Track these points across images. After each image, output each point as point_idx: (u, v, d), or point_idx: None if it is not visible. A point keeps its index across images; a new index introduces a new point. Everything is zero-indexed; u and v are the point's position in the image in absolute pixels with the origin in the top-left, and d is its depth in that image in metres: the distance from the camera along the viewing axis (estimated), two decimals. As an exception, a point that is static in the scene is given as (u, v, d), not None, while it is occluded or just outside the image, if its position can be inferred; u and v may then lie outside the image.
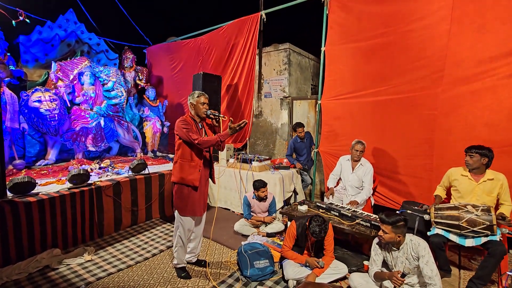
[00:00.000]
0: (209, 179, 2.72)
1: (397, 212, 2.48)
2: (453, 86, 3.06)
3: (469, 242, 2.39)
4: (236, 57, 5.16)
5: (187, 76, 6.13)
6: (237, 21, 5.06)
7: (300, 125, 4.48)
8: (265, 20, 4.75)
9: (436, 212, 2.55)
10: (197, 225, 2.71)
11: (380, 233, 2.12)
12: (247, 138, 5.28)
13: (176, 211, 2.56)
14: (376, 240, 2.31)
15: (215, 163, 4.77)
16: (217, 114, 2.51)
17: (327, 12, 3.97)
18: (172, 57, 6.48)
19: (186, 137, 2.37)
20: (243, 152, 5.14)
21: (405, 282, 2.14)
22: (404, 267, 2.12)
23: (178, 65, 6.42)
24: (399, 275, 2.02)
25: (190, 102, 2.50)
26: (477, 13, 2.89)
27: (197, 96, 2.48)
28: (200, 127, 2.55)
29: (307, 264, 2.52)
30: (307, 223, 2.54)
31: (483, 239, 2.35)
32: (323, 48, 4.04)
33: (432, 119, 3.21)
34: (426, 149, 3.28)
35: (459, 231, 2.41)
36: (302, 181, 4.62)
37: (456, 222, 2.40)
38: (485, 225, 2.30)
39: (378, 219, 2.14)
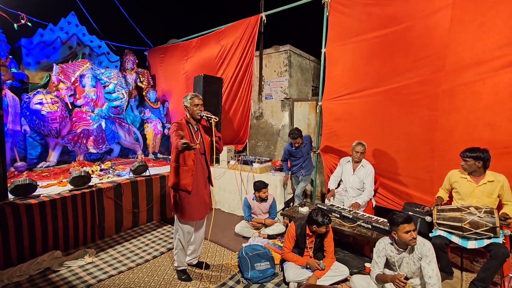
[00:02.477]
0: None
1: (400, 212, 2.46)
2: (454, 86, 3.03)
3: (471, 244, 2.37)
4: (234, 58, 5.17)
5: (182, 78, 6.16)
6: (237, 22, 5.07)
7: (296, 136, 3.74)
8: (265, 21, 4.76)
9: (439, 213, 2.54)
10: (197, 229, 2.68)
11: (415, 234, 2.04)
12: (246, 141, 5.27)
13: (175, 215, 2.56)
14: (379, 242, 2.30)
15: (216, 165, 4.78)
16: (209, 116, 2.42)
17: (327, 14, 3.97)
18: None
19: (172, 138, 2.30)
20: (244, 153, 5.13)
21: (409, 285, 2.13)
22: (409, 269, 2.10)
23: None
24: (402, 278, 2.00)
25: (185, 105, 2.48)
26: (478, 11, 2.86)
27: (190, 98, 2.46)
28: (196, 129, 2.52)
29: (308, 266, 2.51)
30: (306, 222, 2.55)
31: (486, 241, 2.33)
32: (323, 49, 4.04)
33: (433, 120, 3.18)
34: (427, 150, 3.26)
35: (461, 232, 2.39)
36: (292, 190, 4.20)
37: (459, 224, 2.38)
38: (488, 227, 2.28)
39: (404, 222, 2.08)
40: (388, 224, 2.26)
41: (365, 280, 2.30)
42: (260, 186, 3.51)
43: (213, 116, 2.43)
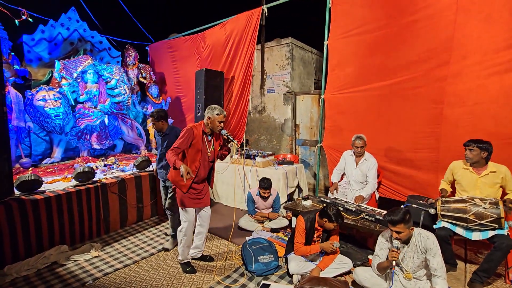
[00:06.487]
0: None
1: (401, 206, 2.46)
2: (459, 78, 3.00)
3: (476, 236, 2.37)
4: (235, 52, 5.12)
5: (187, 73, 6.11)
6: (238, 16, 5.02)
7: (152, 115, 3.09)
8: (266, 14, 4.70)
9: (443, 205, 2.54)
10: (202, 219, 2.71)
11: (395, 235, 2.04)
12: (243, 137, 5.24)
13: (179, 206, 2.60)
14: (381, 235, 2.30)
15: (217, 160, 4.78)
16: (231, 138, 2.59)
17: (329, 5, 3.91)
18: (173, 54, 6.46)
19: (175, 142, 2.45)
20: (247, 148, 5.13)
21: (413, 276, 2.13)
22: (413, 263, 2.10)
23: (179, 62, 6.41)
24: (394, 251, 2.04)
25: (208, 116, 2.51)
26: (484, 2, 2.81)
27: (217, 114, 2.49)
28: (209, 139, 2.59)
29: (323, 249, 2.52)
30: (316, 216, 2.55)
31: (491, 233, 2.33)
32: (326, 42, 3.99)
33: (439, 112, 3.16)
34: (432, 142, 3.24)
35: (465, 224, 2.38)
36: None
37: (463, 215, 2.37)
38: (492, 218, 2.27)
39: (387, 222, 2.08)
40: None
41: (368, 272, 2.31)
42: (263, 185, 3.48)
43: (235, 141, 2.61)
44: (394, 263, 2.04)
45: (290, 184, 4.17)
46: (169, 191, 3.11)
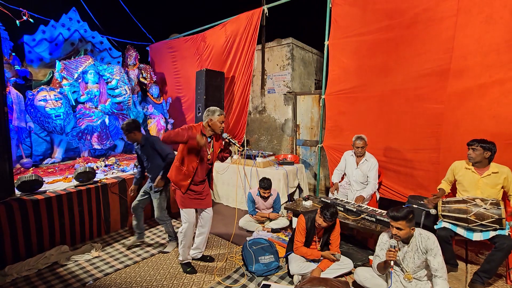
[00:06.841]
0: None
1: (403, 206, 2.45)
2: (460, 79, 3.00)
3: (476, 236, 2.37)
4: (235, 52, 5.12)
5: (188, 73, 6.11)
6: (238, 16, 5.02)
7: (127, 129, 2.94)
8: (267, 14, 4.71)
9: (444, 205, 2.53)
10: (203, 220, 2.71)
11: (395, 231, 2.04)
12: (243, 137, 5.23)
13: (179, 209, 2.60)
14: (382, 235, 2.29)
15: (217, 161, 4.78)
16: (233, 141, 2.58)
17: (330, 5, 3.91)
18: (174, 54, 6.47)
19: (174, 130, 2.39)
20: (247, 148, 5.13)
21: (413, 277, 2.12)
22: (414, 263, 2.10)
23: (179, 62, 6.42)
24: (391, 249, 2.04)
25: (210, 118, 2.49)
26: (485, 2, 2.82)
27: (218, 115, 2.48)
28: (209, 140, 2.58)
29: (324, 258, 2.52)
30: (317, 214, 2.55)
31: (492, 233, 2.32)
32: (326, 42, 3.99)
33: (439, 113, 3.16)
34: (433, 143, 3.24)
35: (466, 224, 2.38)
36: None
37: (464, 216, 2.37)
38: (493, 219, 2.27)
39: (388, 218, 2.09)
40: None
41: (369, 272, 2.31)
42: (263, 185, 3.48)
43: (237, 144, 2.59)
44: (392, 262, 2.03)
45: (290, 184, 4.17)
46: (153, 197, 3.08)
